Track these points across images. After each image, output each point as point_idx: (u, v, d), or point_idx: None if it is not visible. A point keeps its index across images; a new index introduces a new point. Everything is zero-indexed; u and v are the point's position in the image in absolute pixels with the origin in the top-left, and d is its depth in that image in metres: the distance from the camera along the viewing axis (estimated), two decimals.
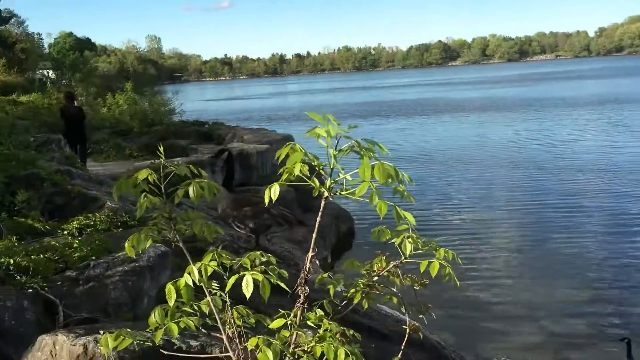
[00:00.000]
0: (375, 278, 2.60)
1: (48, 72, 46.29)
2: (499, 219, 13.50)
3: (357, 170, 1.87)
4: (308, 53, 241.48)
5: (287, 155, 2.00)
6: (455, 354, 5.26)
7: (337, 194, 1.99)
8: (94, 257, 4.29)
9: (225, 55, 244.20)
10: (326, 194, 1.98)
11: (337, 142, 1.91)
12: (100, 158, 15.55)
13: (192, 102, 60.75)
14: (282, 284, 2.14)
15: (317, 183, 2.00)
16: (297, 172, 1.90)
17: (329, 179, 1.97)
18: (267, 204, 2.00)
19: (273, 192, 2.01)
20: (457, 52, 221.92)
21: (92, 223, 5.99)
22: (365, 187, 1.85)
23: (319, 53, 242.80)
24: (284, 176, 2.01)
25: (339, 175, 1.97)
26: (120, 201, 7.07)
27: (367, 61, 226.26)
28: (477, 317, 8.62)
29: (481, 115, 36.95)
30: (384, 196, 1.93)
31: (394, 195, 1.97)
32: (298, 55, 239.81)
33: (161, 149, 2.39)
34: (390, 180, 1.89)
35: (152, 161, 12.31)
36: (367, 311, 5.23)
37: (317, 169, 1.97)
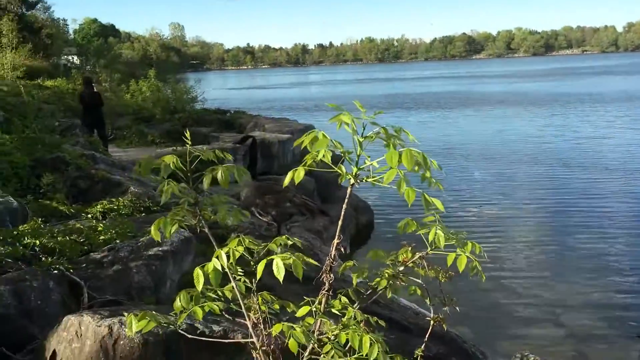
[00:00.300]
0: (401, 268, 2.58)
1: (73, 58, 46.80)
2: (520, 215, 13.36)
3: (384, 157, 1.84)
4: (330, 43, 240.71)
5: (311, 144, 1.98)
6: (475, 348, 5.22)
7: (364, 181, 1.97)
8: (118, 241, 4.33)
9: (248, 44, 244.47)
10: (352, 180, 1.96)
11: (364, 129, 1.89)
12: (123, 144, 15.70)
13: (214, 90, 61.04)
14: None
15: (344, 170, 1.98)
16: (320, 157, 1.88)
17: (355, 165, 1.95)
18: (286, 185, 1.98)
19: (297, 175, 1.99)
20: (482, 45, 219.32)
21: (115, 207, 6.05)
22: (393, 173, 1.82)
23: (342, 44, 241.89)
24: (309, 162, 1.99)
25: (364, 163, 1.95)
26: (143, 187, 7.13)
27: (389, 53, 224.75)
28: (496, 312, 8.55)
29: (505, 109, 36.50)
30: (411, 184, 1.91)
31: (422, 183, 1.94)
32: (320, 46, 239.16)
33: (187, 134, 2.38)
34: (417, 167, 1.87)
35: (174, 148, 12.39)
36: (388, 302, 5.22)
37: (342, 155, 1.95)
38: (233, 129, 18.83)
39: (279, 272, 2.01)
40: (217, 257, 2.13)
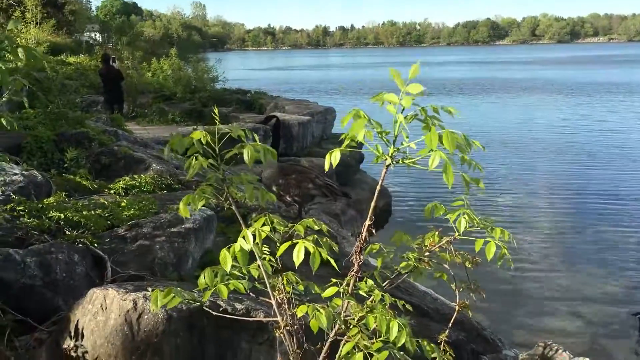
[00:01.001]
0: (427, 253, 2.55)
1: (95, 35, 47.03)
2: (541, 205, 13.22)
3: (423, 138, 1.80)
4: (352, 26, 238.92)
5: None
6: (494, 336, 5.19)
7: (400, 162, 1.93)
8: (141, 217, 4.35)
9: (269, 25, 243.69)
10: (389, 161, 1.92)
11: (403, 109, 1.84)
12: (144, 122, 15.76)
13: (234, 70, 60.94)
14: (332, 261, 2.11)
15: (380, 150, 1.95)
16: (360, 138, 1.84)
17: (392, 146, 1.91)
18: (327, 169, 1.95)
19: (334, 157, 1.96)
20: (506, 30, 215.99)
21: (137, 184, 6.07)
22: (437, 157, 1.77)
23: (363, 27, 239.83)
24: (346, 142, 1.96)
25: (401, 144, 1.91)
26: (164, 164, 7.16)
27: (411, 37, 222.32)
28: (516, 301, 8.51)
29: (529, 97, 36.00)
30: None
31: (462, 164, 1.89)
32: (342, 28, 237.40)
33: (215, 110, 2.37)
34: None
35: (195, 127, 12.41)
36: (407, 287, 5.20)
37: (379, 136, 1.91)
38: (253, 110, 18.80)
39: (298, 258, 1.99)
40: (243, 237, 2.12)
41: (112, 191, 5.87)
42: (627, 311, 7.90)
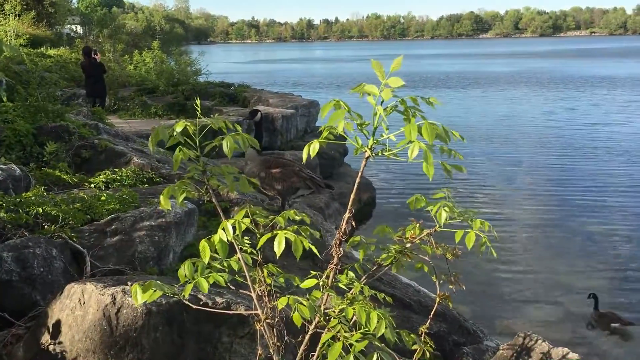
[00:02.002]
0: (408, 245, 2.55)
1: (76, 27, 46.40)
2: (525, 198, 13.34)
3: (402, 129, 1.79)
4: (336, 19, 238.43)
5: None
6: (476, 327, 5.22)
7: (379, 154, 1.92)
8: (121, 211, 4.31)
9: (253, 17, 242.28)
10: (368, 153, 1.91)
11: (383, 101, 1.83)
12: (126, 115, 15.60)
13: (217, 63, 60.52)
14: (313, 248, 2.10)
15: (359, 142, 1.93)
16: (340, 129, 1.82)
17: (372, 138, 1.90)
18: (304, 160, 1.94)
19: (312, 149, 1.95)
20: (489, 24, 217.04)
21: (118, 177, 6.01)
22: (416, 148, 1.76)
23: (347, 19, 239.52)
24: (325, 133, 1.94)
25: (381, 136, 1.89)
26: (146, 158, 7.09)
27: (395, 30, 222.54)
28: (498, 293, 8.59)
29: (513, 91, 36.21)
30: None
31: (442, 154, 1.89)
32: (326, 21, 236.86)
33: (198, 101, 2.34)
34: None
35: (177, 120, 12.30)
36: (390, 280, 5.21)
37: (359, 128, 1.89)
38: (237, 103, 18.70)
39: (279, 248, 1.97)
40: (223, 229, 2.10)
41: (92, 185, 5.80)
42: (606, 302, 8.02)
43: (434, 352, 4.35)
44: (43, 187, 5.10)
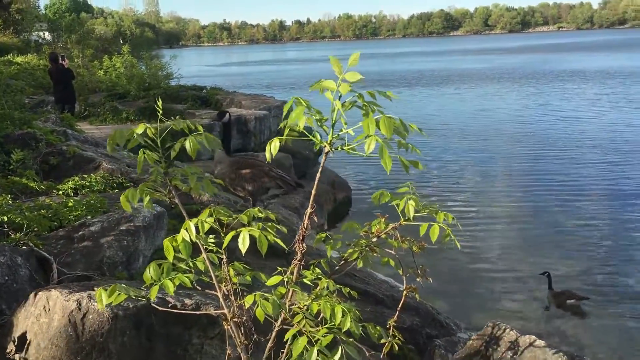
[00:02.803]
0: (374, 240, 2.57)
1: (44, 34, 45.62)
2: (497, 191, 13.52)
3: (361, 124, 1.80)
4: (308, 20, 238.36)
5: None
6: (450, 320, 5.28)
7: (339, 149, 1.94)
8: (89, 217, 4.26)
9: (224, 20, 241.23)
10: (327, 148, 1.92)
11: (340, 96, 1.84)
12: (97, 121, 15.38)
13: (189, 67, 60.19)
14: (279, 241, 2.10)
15: (319, 137, 1.94)
16: (301, 126, 1.83)
17: (331, 133, 1.91)
18: (268, 159, 1.94)
19: (273, 147, 1.95)
20: (459, 21, 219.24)
21: (87, 184, 5.93)
22: (373, 142, 1.78)
23: (319, 20, 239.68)
24: (286, 131, 1.95)
25: (341, 131, 1.91)
26: (116, 163, 7.01)
27: (367, 29, 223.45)
28: (473, 286, 8.69)
29: (486, 87, 36.59)
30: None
31: (399, 149, 1.90)
32: (298, 22, 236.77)
33: (159, 102, 2.33)
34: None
35: (147, 125, 12.18)
36: (363, 276, 5.24)
37: (318, 123, 1.91)
38: (209, 106, 18.57)
39: (244, 245, 1.97)
40: (186, 229, 2.09)
41: (60, 192, 5.71)
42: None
43: (408, 346, 4.40)
44: (9, 196, 5.01)
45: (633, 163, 15.28)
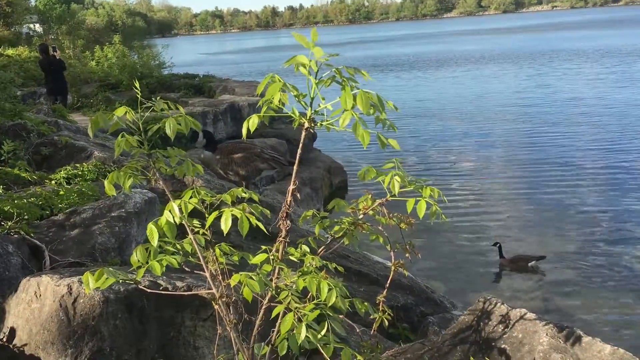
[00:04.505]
0: (361, 216, 2.57)
1: (35, 26, 45.30)
2: (495, 173, 13.53)
3: (339, 99, 1.80)
4: (301, 5, 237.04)
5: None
6: (444, 299, 5.31)
7: (318, 125, 1.93)
8: (80, 204, 4.26)
9: (216, 7, 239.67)
10: (306, 124, 1.92)
11: (317, 71, 1.84)
12: (90, 112, 15.35)
13: (182, 55, 59.83)
14: (260, 225, 2.10)
15: (297, 113, 1.94)
16: (276, 102, 1.83)
17: (310, 109, 1.91)
18: (244, 136, 1.94)
19: (251, 123, 1.95)
20: (453, 3, 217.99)
21: (79, 173, 5.92)
22: (347, 116, 1.78)
23: (312, 5, 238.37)
24: (264, 108, 1.95)
25: (319, 106, 1.91)
26: (108, 151, 7.00)
27: (360, 13, 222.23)
28: (469, 265, 8.74)
29: (481, 68, 36.45)
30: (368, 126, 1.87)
31: (376, 125, 1.90)
32: (290, 8, 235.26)
33: (137, 84, 2.31)
34: (372, 110, 1.83)
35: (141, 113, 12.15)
36: (357, 257, 5.26)
37: (296, 99, 1.90)
38: (202, 94, 18.55)
39: (226, 225, 1.98)
40: (169, 210, 2.09)
41: (53, 182, 5.71)
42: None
43: (403, 325, 4.43)
44: (1, 187, 5.01)
45: (633, 143, 15.22)
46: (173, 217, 2.09)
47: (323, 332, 1.97)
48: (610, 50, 40.81)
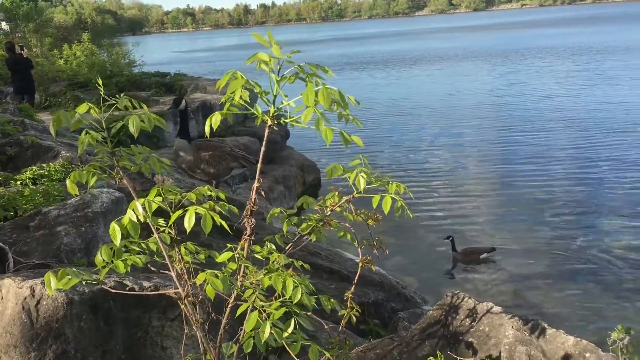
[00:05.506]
0: (329, 213, 2.58)
1: (1, 24, 44.27)
2: (466, 170, 13.67)
3: (300, 96, 1.80)
4: (273, 3, 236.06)
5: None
6: (416, 294, 5.36)
7: (281, 122, 1.93)
8: (46, 205, 4.18)
9: (188, 5, 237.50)
10: (269, 121, 1.92)
11: (279, 68, 1.84)
12: (58, 111, 15.09)
13: (154, 54, 59.19)
14: (224, 223, 2.08)
15: (259, 110, 1.94)
16: (237, 98, 1.82)
17: (272, 106, 1.90)
18: (207, 134, 1.93)
19: (214, 121, 1.94)
20: (424, 1, 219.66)
21: (46, 173, 5.82)
22: (310, 113, 1.78)
23: (284, 3, 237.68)
24: (226, 105, 1.93)
25: (281, 103, 1.90)
26: (75, 151, 6.89)
27: (333, 11, 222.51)
28: (442, 261, 8.82)
29: (454, 66, 36.73)
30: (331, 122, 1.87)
31: (339, 121, 1.90)
32: (263, 6, 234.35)
33: (99, 81, 2.28)
34: (335, 106, 1.83)
35: (112, 114, 11.98)
36: (329, 254, 5.27)
37: (260, 96, 1.90)
38: (174, 92, 18.36)
39: (189, 222, 1.96)
40: (132, 209, 2.07)
41: (18, 182, 5.60)
42: (568, 275, 8.34)
43: (374, 321, 4.46)
44: None
45: (603, 140, 15.47)
46: (137, 216, 2.06)
47: (290, 330, 1.97)
48: (580, 48, 41.55)
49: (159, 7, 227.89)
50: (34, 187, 4.93)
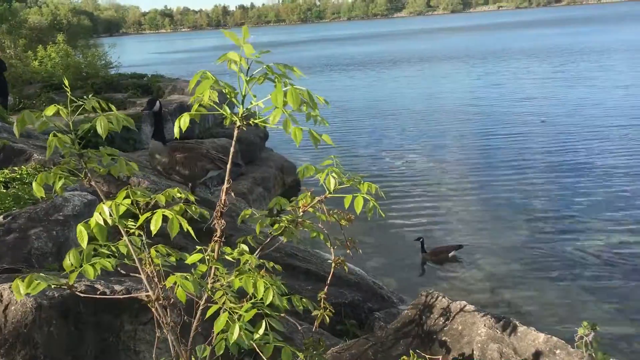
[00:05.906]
0: (301, 214, 2.57)
1: None
2: (444, 171, 13.76)
3: (269, 96, 1.79)
4: (252, 5, 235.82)
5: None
6: (393, 294, 5.38)
7: (251, 123, 1.92)
8: (17, 208, 4.11)
9: (165, 6, 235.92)
10: (238, 122, 1.91)
11: (248, 68, 1.83)
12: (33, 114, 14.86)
13: (131, 55, 58.69)
14: (189, 229, 2.06)
15: (228, 111, 1.93)
16: (206, 99, 1.81)
17: (241, 106, 1.89)
18: (177, 135, 1.91)
19: (183, 122, 1.92)
20: (403, 3, 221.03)
21: (18, 176, 5.71)
22: (278, 113, 1.78)
23: (263, 4, 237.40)
24: (195, 106, 1.92)
25: (251, 104, 1.89)
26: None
27: (312, 13, 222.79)
28: (419, 262, 8.87)
29: (433, 68, 36.97)
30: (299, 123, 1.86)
31: (307, 121, 1.90)
32: (242, 7, 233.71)
33: (66, 82, 2.25)
34: (304, 106, 1.83)
35: (86, 115, 11.84)
36: (305, 255, 5.27)
37: (228, 97, 1.89)
38: (151, 94, 18.21)
39: (155, 226, 1.95)
40: (99, 212, 2.04)
41: None
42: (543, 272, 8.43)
43: (350, 321, 4.46)
44: None
45: (580, 142, 15.65)
46: (104, 219, 2.04)
47: (261, 332, 1.96)
48: (557, 49, 42.12)
49: (136, 8, 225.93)
50: (5, 190, 4.84)
